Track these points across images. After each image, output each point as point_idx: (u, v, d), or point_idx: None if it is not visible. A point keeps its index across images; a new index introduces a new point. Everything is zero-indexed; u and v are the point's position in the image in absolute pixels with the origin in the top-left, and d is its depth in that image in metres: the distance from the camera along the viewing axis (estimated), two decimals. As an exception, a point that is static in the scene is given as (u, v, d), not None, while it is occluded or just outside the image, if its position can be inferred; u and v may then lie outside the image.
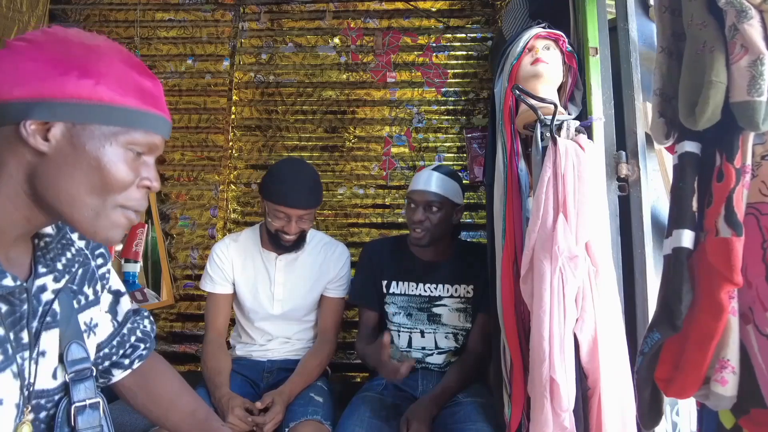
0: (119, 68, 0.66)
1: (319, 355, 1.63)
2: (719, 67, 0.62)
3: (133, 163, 0.68)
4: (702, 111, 0.63)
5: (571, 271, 1.00)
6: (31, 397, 0.67)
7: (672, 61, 0.72)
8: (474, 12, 2.47)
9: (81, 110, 0.63)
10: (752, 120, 0.60)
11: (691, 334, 0.65)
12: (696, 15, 0.67)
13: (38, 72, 0.61)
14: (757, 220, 0.62)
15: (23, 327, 0.66)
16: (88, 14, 2.54)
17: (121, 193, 0.67)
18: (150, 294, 2.30)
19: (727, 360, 0.62)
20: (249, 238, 1.72)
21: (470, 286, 1.63)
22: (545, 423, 0.98)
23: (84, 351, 0.76)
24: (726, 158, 0.64)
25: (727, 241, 0.61)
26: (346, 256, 1.74)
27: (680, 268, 0.66)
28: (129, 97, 0.66)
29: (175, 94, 2.48)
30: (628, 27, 1.24)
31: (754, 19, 0.60)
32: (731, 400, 0.63)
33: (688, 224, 0.67)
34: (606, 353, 0.99)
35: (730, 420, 0.68)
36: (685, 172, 0.69)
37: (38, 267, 0.71)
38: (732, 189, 0.62)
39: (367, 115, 2.46)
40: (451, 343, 1.63)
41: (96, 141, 0.64)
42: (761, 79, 0.59)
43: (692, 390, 0.66)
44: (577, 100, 1.29)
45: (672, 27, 0.73)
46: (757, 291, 0.61)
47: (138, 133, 0.67)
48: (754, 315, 0.62)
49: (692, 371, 0.65)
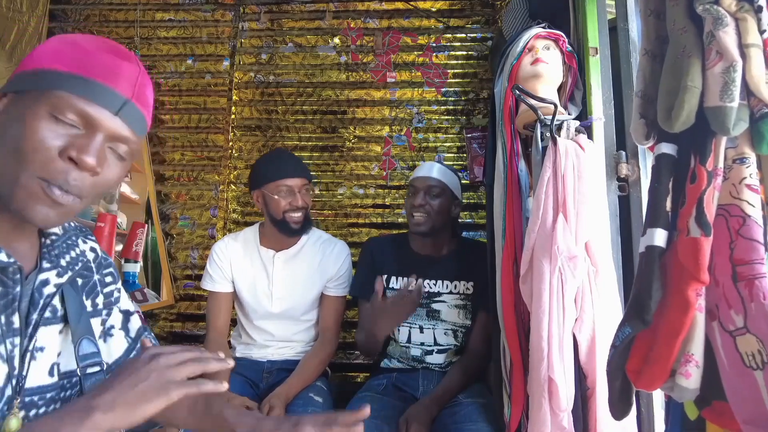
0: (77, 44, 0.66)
1: (319, 354, 1.63)
2: (695, 73, 0.65)
3: (56, 128, 0.62)
4: (677, 115, 0.65)
5: (571, 271, 1.00)
6: (23, 393, 0.66)
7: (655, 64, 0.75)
8: (474, 12, 2.47)
9: (19, 80, 0.65)
10: (723, 125, 0.62)
11: (660, 328, 0.68)
12: (678, 20, 0.69)
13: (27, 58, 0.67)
14: (726, 221, 0.65)
15: (14, 311, 0.66)
16: (88, 14, 2.54)
17: (37, 161, 0.61)
18: (150, 294, 2.30)
19: (691, 354, 0.65)
20: (248, 236, 1.72)
21: (470, 283, 1.64)
22: (543, 423, 0.98)
23: (95, 347, 0.76)
24: (699, 161, 0.66)
25: (696, 240, 0.64)
26: (346, 254, 1.73)
27: (652, 265, 0.69)
28: (64, 63, 0.64)
29: (175, 94, 2.48)
30: (628, 27, 1.24)
31: (729, 27, 0.63)
32: (694, 393, 0.66)
33: (662, 224, 0.70)
34: (604, 353, 0.99)
35: (694, 411, 0.72)
36: (661, 173, 0.71)
37: (43, 262, 0.72)
38: (703, 191, 0.64)
39: (367, 115, 2.46)
40: (450, 340, 1.63)
41: (21, 106, 0.63)
42: (733, 86, 0.61)
43: (659, 382, 0.69)
44: (577, 100, 1.29)
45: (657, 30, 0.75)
46: (723, 289, 0.64)
47: (63, 95, 0.62)
48: (720, 312, 0.64)
49: (660, 364, 0.68)
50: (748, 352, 0.61)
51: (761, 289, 0.60)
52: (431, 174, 1.63)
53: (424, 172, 1.65)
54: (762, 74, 0.62)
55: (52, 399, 0.71)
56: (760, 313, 0.60)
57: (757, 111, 0.63)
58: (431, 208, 1.59)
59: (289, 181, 1.58)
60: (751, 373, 0.60)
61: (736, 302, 0.62)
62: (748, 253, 0.62)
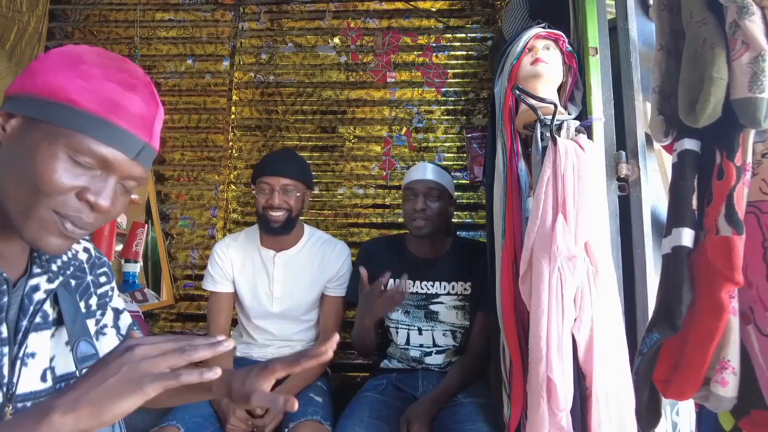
0: (99, 76, 0.63)
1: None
2: (720, 64, 0.62)
3: (74, 169, 0.62)
4: (703, 108, 0.62)
5: (570, 271, 0.99)
6: (14, 399, 0.65)
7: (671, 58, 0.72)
8: (474, 12, 2.47)
9: (37, 105, 0.62)
10: (754, 117, 0.59)
11: (690, 334, 0.64)
12: (695, 12, 0.66)
13: (29, 71, 0.64)
14: (758, 218, 0.62)
15: (2, 321, 0.65)
16: (88, 14, 2.54)
17: (53, 197, 0.62)
18: (150, 294, 2.30)
19: (727, 361, 0.61)
20: (249, 236, 1.72)
21: (468, 284, 1.64)
22: (541, 422, 0.98)
23: (93, 348, 0.76)
24: (726, 156, 0.63)
25: (728, 239, 0.61)
26: (346, 254, 1.73)
27: (680, 267, 0.66)
28: (90, 102, 0.62)
29: (175, 94, 2.48)
30: (628, 27, 1.24)
31: (756, 15, 0.60)
32: (731, 402, 0.62)
33: (688, 223, 0.66)
34: (602, 353, 0.99)
35: (730, 421, 0.67)
36: (685, 170, 0.68)
37: (33, 267, 0.71)
38: (733, 187, 0.61)
39: (367, 115, 2.46)
40: (449, 341, 1.63)
41: (37, 136, 0.61)
42: (763, 76, 0.58)
43: (692, 391, 0.65)
44: (577, 100, 1.29)
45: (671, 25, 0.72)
46: (758, 290, 0.60)
47: (85, 138, 0.61)
48: (755, 315, 0.61)
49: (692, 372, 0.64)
50: None
51: None
52: (427, 176, 1.61)
53: (420, 175, 1.63)
54: None
55: None
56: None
57: None
58: (432, 211, 1.59)
59: (268, 179, 1.58)
60: None
61: None
62: None
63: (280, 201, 1.57)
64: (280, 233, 1.62)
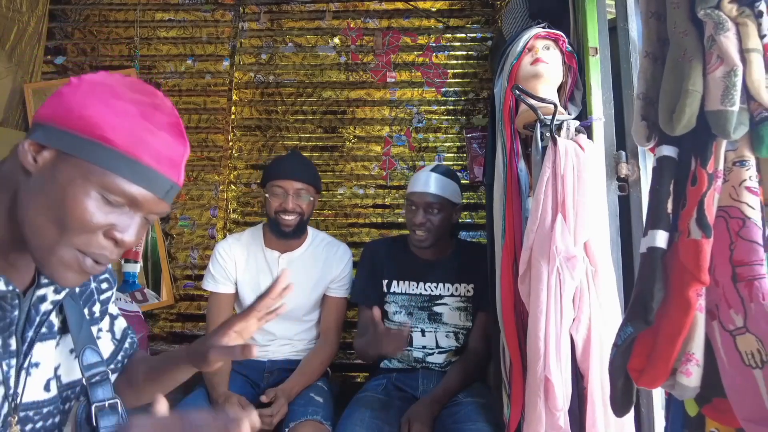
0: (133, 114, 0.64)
1: (320, 354, 1.63)
2: (696, 77, 0.65)
3: (104, 207, 0.63)
4: (679, 118, 0.66)
5: (569, 271, 1.00)
6: (19, 409, 0.66)
7: (656, 66, 0.75)
8: (474, 12, 2.47)
9: (70, 140, 0.62)
10: (725, 128, 0.63)
11: (661, 328, 0.69)
12: (679, 23, 0.69)
13: (61, 100, 0.63)
14: (726, 222, 0.66)
15: (12, 334, 0.66)
16: (88, 14, 2.54)
17: (80, 235, 0.62)
18: (150, 294, 2.30)
19: (692, 353, 0.66)
20: (252, 237, 1.73)
21: (470, 285, 1.63)
22: (538, 421, 0.98)
23: (98, 356, 0.76)
24: (700, 163, 0.67)
25: (697, 242, 0.65)
26: (349, 256, 1.74)
27: (654, 266, 0.70)
28: (122, 140, 0.62)
29: (175, 94, 2.48)
30: (628, 27, 1.24)
31: (730, 32, 0.63)
32: (695, 390, 0.67)
33: (663, 225, 0.71)
34: (600, 353, 1.00)
35: (694, 408, 0.73)
36: (662, 175, 0.72)
37: (41, 278, 0.71)
38: (704, 193, 0.65)
39: (366, 115, 2.46)
40: (451, 342, 1.63)
41: (70, 173, 0.61)
42: (734, 90, 0.62)
43: (661, 380, 0.70)
44: (577, 100, 1.29)
45: (657, 32, 0.76)
46: (723, 290, 0.65)
47: (116, 178, 0.62)
48: (720, 312, 0.65)
49: (661, 363, 0.68)
50: (747, 351, 0.61)
51: (760, 289, 0.61)
52: (429, 189, 1.57)
53: (422, 187, 1.58)
54: (762, 79, 0.62)
55: (50, 413, 0.71)
56: (760, 313, 0.60)
57: (756, 115, 0.63)
58: (432, 225, 1.57)
59: (283, 183, 1.58)
60: (750, 371, 0.61)
61: (736, 302, 0.63)
62: (748, 255, 0.62)
63: (293, 205, 1.58)
64: (292, 237, 1.63)
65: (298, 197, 1.59)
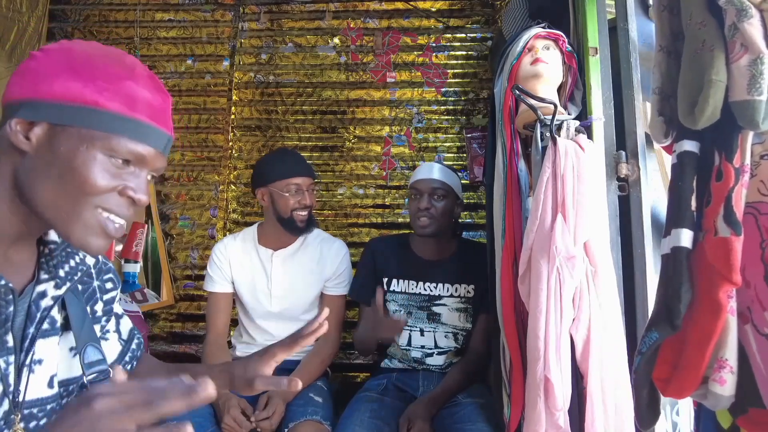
0: (114, 73, 0.64)
1: (320, 354, 1.63)
2: (719, 66, 0.62)
3: (116, 170, 0.65)
4: (702, 110, 0.62)
5: (569, 271, 0.99)
6: (22, 406, 0.65)
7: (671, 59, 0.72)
8: (474, 12, 2.47)
9: (62, 111, 0.62)
10: (752, 119, 0.59)
11: (689, 333, 0.65)
12: (695, 14, 0.67)
13: (37, 75, 0.63)
14: (756, 219, 0.62)
15: (8, 330, 0.65)
16: (87, 14, 2.54)
17: (99, 197, 0.64)
18: (150, 294, 2.30)
19: (725, 360, 0.62)
20: (247, 236, 1.73)
21: (471, 286, 1.63)
22: (538, 421, 0.98)
23: (100, 353, 0.76)
24: (725, 157, 0.63)
25: (726, 240, 0.61)
26: (345, 252, 1.73)
27: (680, 267, 0.66)
28: (115, 102, 0.63)
29: (175, 94, 2.48)
30: (628, 27, 1.24)
31: (755, 18, 0.60)
32: (729, 400, 0.63)
33: (687, 223, 0.67)
34: (599, 354, 0.99)
35: (728, 420, 0.68)
36: (684, 171, 0.68)
37: (41, 273, 0.70)
38: (731, 188, 0.62)
39: (366, 115, 2.46)
40: (450, 343, 1.63)
41: (72, 143, 0.62)
42: (761, 78, 0.59)
43: (690, 390, 0.65)
44: (577, 100, 1.29)
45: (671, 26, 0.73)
46: (756, 290, 0.61)
47: (120, 139, 0.64)
48: (753, 315, 0.61)
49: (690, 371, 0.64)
50: None
51: None
52: (433, 176, 1.61)
53: (426, 174, 1.62)
54: None
55: (53, 410, 0.70)
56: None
57: None
58: (436, 211, 1.58)
59: (299, 180, 1.61)
60: None
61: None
62: None
63: (311, 200, 1.64)
64: (306, 231, 1.67)
65: (311, 192, 1.66)
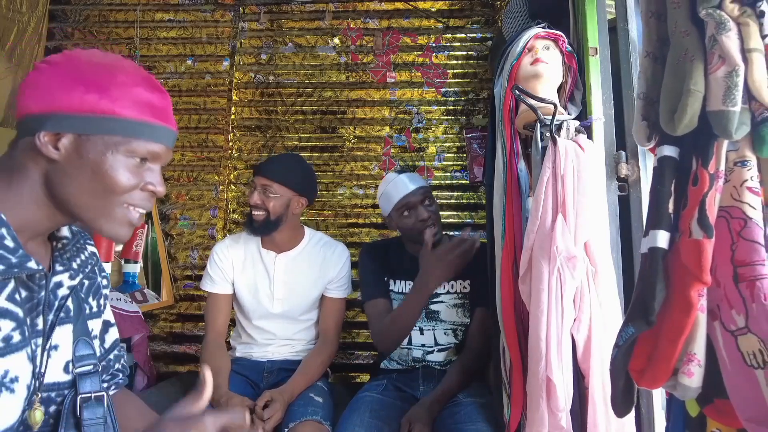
0: (122, 82, 0.72)
1: (321, 354, 1.63)
2: (698, 76, 0.65)
3: (136, 169, 0.74)
4: (680, 118, 0.66)
5: (569, 271, 0.99)
6: (41, 389, 0.70)
7: (657, 65, 0.75)
8: (474, 12, 2.47)
9: (85, 122, 0.70)
10: (726, 129, 0.62)
11: (663, 329, 0.69)
12: (680, 23, 0.69)
13: (51, 89, 0.70)
14: (728, 222, 0.66)
15: (39, 314, 0.71)
16: (87, 15, 2.54)
17: (126, 195, 0.74)
18: (150, 294, 2.30)
19: (693, 354, 0.66)
20: (249, 238, 1.72)
21: (466, 281, 1.64)
22: (540, 422, 0.98)
23: (91, 348, 0.79)
24: (701, 163, 0.67)
25: (699, 242, 0.64)
26: (346, 256, 1.74)
27: (655, 266, 0.70)
28: (129, 110, 0.71)
29: (175, 94, 2.48)
30: (628, 27, 1.24)
31: (732, 32, 0.63)
32: (696, 391, 0.67)
33: (664, 225, 0.70)
34: (600, 354, 0.99)
35: (695, 408, 0.73)
36: (663, 175, 0.72)
37: (56, 265, 0.77)
38: (705, 193, 0.65)
39: (366, 115, 2.46)
40: (450, 339, 1.63)
41: (98, 150, 0.71)
42: (736, 90, 0.62)
43: (662, 381, 0.69)
44: (577, 100, 1.29)
45: (658, 32, 0.75)
46: (725, 290, 0.65)
47: (138, 142, 0.73)
48: (721, 312, 0.65)
49: (663, 363, 0.68)
50: (749, 351, 0.61)
51: (762, 290, 0.61)
52: (411, 186, 1.61)
53: (404, 189, 1.60)
54: (764, 79, 0.62)
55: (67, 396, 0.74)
56: (762, 313, 0.60)
57: (758, 115, 0.63)
58: (434, 215, 1.61)
59: (255, 178, 1.63)
60: (752, 371, 0.61)
61: (738, 303, 0.63)
62: (750, 255, 0.62)
63: (258, 199, 1.60)
64: (258, 233, 1.64)
65: (264, 194, 1.60)
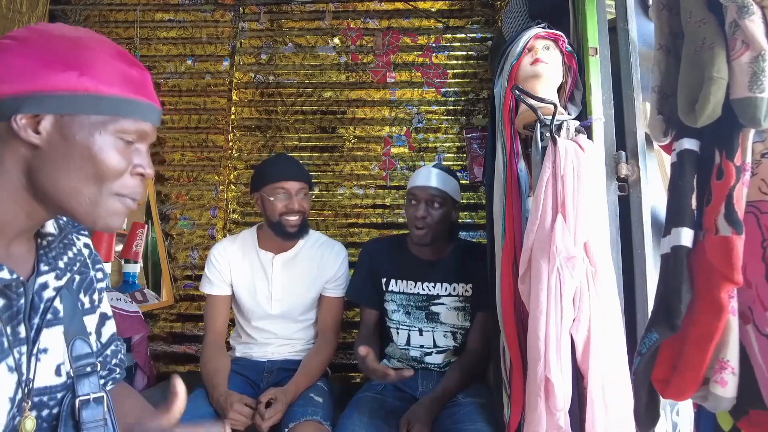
0: (103, 58, 0.66)
1: (321, 354, 1.63)
2: (720, 63, 0.61)
3: (125, 150, 0.69)
4: (702, 107, 0.62)
5: (569, 271, 0.99)
6: (32, 394, 0.67)
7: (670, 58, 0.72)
8: (474, 12, 2.47)
9: (67, 101, 0.64)
10: (753, 116, 0.59)
11: (689, 334, 0.64)
12: (695, 12, 0.66)
13: (25, 67, 0.63)
14: (757, 218, 0.61)
15: (20, 321, 0.67)
16: (87, 15, 2.54)
17: (115, 181, 0.68)
18: (150, 294, 2.30)
19: (726, 360, 0.61)
20: (246, 239, 1.72)
21: (468, 285, 1.63)
22: (538, 422, 0.98)
23: (88, 347, 0.76)
24: (726, 156, 0.62)
25: (728, 239, 0.60)
26: (344, 255, 1.74)
27: (680, 266, 0.65)
28: (114, 86, 0.66)
29: (175, 94, 2.48)
30: (628, 27, 1.24)
31: (756, 15, 0.59)
32: (731, 402, 0.61)
33: (688, 222, 0.66)
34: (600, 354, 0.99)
35: (728, 422, 0.67)
36: (684, 170, 0.68)
37: (40, 265, 0.72)
38: (732, 187, 0.61)
39: (366, 115, 2.46)
40: (449, 342, 1.63)
41: (85, 130, 0.65)
42: (763, 76, 0.58)
43: (690, 391, 0.64)
44: (577, 100, 1.29)
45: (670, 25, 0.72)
46: (757, 290, 0.60)
47: (127, 121, 0.68)
48: (754, 315, 0.60)
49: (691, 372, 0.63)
50: None
51: None
52: (431, 183, 1.59)
53: (424, 181, 1.60)
54: None
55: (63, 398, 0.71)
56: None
57: None
58: (432, 219, 1.58)
59: (286, 184, 1.59)
60: None
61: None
62: None
63: (299, 205, 1.60)
64: (296, 237, 1.63)
65: (300, 197, 1.60)
